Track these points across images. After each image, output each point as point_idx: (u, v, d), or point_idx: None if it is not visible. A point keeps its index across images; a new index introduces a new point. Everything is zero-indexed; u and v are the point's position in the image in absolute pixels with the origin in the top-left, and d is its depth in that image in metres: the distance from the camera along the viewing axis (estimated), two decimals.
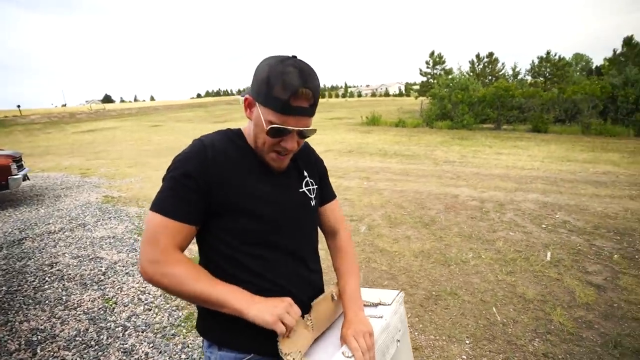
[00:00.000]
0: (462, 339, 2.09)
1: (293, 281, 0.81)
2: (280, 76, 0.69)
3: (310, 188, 0.89)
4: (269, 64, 0.72)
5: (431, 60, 30.38)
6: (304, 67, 0.71)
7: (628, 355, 1.94)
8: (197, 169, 0.73)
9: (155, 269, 0.69)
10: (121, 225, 3.98)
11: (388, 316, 0.93)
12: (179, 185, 0.72)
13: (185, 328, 2.17)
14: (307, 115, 0.73)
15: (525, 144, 10.54)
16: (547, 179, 6.10)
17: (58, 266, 2.97)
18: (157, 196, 0.74)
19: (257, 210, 0.77)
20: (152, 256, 0.69)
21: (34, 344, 2.00)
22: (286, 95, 0.69)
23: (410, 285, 2.70)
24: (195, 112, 29.83)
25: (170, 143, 11.92)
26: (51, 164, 8.47)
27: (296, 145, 0.77)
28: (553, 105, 14.45)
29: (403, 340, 1.02)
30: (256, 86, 0.73)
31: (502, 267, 2.96)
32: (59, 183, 6.19)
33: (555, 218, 4.13)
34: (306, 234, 0.88)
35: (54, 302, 2.44)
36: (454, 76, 19.28)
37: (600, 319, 2.28)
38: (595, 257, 3.15)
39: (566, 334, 2.12)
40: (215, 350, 0.80)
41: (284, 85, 0.69)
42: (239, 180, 0.77)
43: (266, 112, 0.72)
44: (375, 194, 5.24)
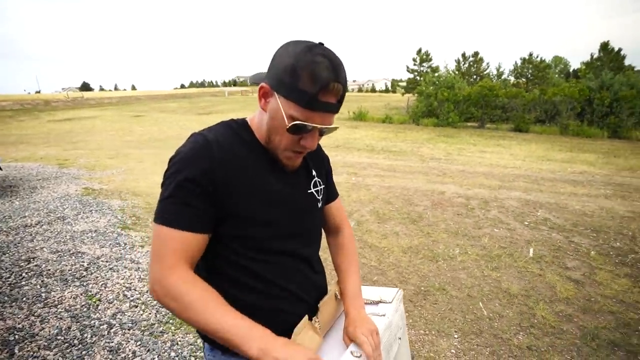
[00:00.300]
0: (450, 334, 2.14)
1: (301, 285, 0.79)
2: (309, 66, 0.60)
3: (318, 189, 0.84)
4: (295, 51, 0.63)
5: (418, 57, 30.65)
6: (334, 58, 0.64)
7: (604, 347, 2.04)
8: (202, 171, 0.64)
9: (160, 290, 0.62)
10: (103, 218, 3.84)
11: (390, 314, 0.93)
12: (183, 191, 0.64)
13: (174, 325, 2.12)
14: (333, 112, 0.66)
15: (507, 143, 10.84)
16: (529, 177, 6.31)
17: (36, 261, 2.83)
18: (158, 206, 0.66)
19: (266, 215, 0.71)
20: (157, 274, 0.62)
21: (11, 344, 1.90)
22: (315, 88, 0.61)
23: (400, 281, 2.74)
24: (179, 103, 29.04)
25: (154, 134, 11.57)
26: (25, 153, 8.06)
27: (316, 143, 0.70)
28: (534, 105, 14.92)
29: (403, 337, 1.03)
30: (277, 74, 0.64)
31: (487, 263, 3.05)
32: (34, 174, 5.90)
33: (536, 215, 4.27)
34: (312, 236, 0.84)
35: (32, 299, 2.33)
36: (441, 74, 19.55)
37: (579, 312, 2.38)
38: (574, 253, 3.28)
39: (548, 328, 2.21)
40: (219, 354, 0.76)
41: (313, 77, 0.60)
42: (247, 182, 0.69)
43: (288, 106, 0.64)
44: (364, 189, 5.27)
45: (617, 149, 10.02)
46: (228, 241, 0.70)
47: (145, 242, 3.28)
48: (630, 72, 15.90)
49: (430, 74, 21.99)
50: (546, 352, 2.00)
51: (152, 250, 0.65)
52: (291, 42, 0.66)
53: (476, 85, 17.07)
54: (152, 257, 0.65)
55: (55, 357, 1.82)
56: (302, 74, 0.61)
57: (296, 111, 0.63)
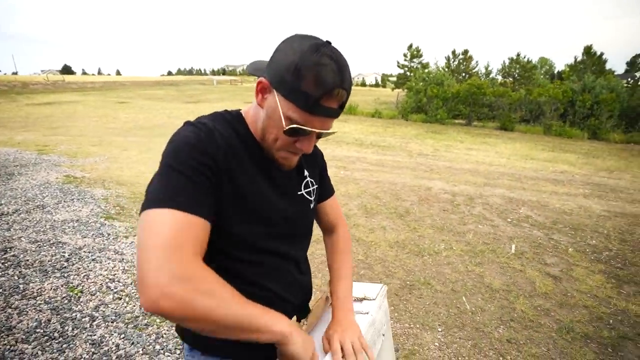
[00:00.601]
0: (434, 327, 2.20)
1: (286, 286, 0.77)
2: (314, 68, 0.57)
3: (310, 190, 0.81)
4: (301, 48, 0.58)
5: (409, 53, 30.72)
6: (342, 61, 0.60)
7: (578, 340, 2.14)
8: (209, 154, 0.59)
9: (187, 288, 0.49)
10: (86, 207, 3.73)
11: (374, 311, 0.94)
12: (191, 172, 0.57)
13: (159, 317, 2.10)
14: (333, 117, 0.63)
15: (493, 141, 11.07)
16: (513, 175, 6.47)
17: (13, 251, 2.73)
18: (159, 188, 0.56)
19: (256, 214, 0.68)
20: (182, 271, 0.49)
21: None
22: (318, 92, 0.57)
23: (386, 275, 2.78)
24: (166, 91, 28.29)
25: (140, 122, 11.25)
26: (1, 138, 7.70)
27: (312, 147, 0.67)
28: (520, 105, 15.24)
29: (387, 334, 1.05)
30: (279, 71, 0.59)
31: (471, 259, 3.13)
32: (11, 160, 5.65)
33: (519, 213, 4.40)
34: (300, 237, 0.82)
35: (9, 290, 2.25)
36: (430, 70, 19.68)
37: (556, 307, 2.48)
38: (553, 250, 3.40)
39: (527, 321, 2.29)
40: (198, 354, 0.74)
41: (318, 80, 0.57)
42: (247, 176, 0.66)
43: (287, 107, 0.60)
44: (352, 183, 5.30)
45: (596, 150, 10.39)
46: (215, 238, 0.64)
47: (130, 233, 3.20)
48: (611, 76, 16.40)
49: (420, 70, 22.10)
50: (524, 344, 2.08)
51: (158, 244, 0.50)
52: (297, 37, 0.62)
53: (465, 82, 17.29)
54: (160, 252, 0.50)
55: (34, 350, 1.78)
56: (306, 75, 0.57)
57: (295, 113, 0.60)
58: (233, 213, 0.64)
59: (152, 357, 1.79)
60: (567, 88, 14.71)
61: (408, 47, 30.61)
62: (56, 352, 1.78)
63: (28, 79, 30.24)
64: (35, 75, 47.71)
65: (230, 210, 0.64)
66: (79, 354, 1.77)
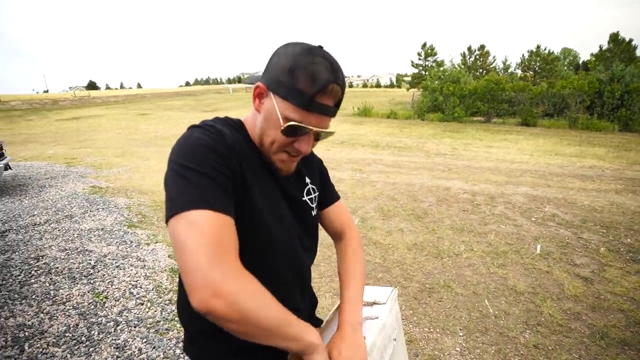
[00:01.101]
0: (455, 331, 2.13)
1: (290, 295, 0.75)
2: (308, 67, 0.59)
3: (312, 196, 0.81)
4: (295, 51, 0.61)
5: (423, 51, 30.31)
6: (334, 60, 0.62)
7: (614, 346, 2.01)
8: (226, 155, 0.59)
9: (238, 288, 0.49)
10: (110, 216, 3.88)
11: (384, 316, 0.91)
12: (214, 173, 0.56)
13: (179, 322, 2.14)
14: (330, 115, 0.64)
15: (514, 138, 10.69)
16: (536, 172, 6.22)
17: (45, 259, 2.88)
18: (188, 190, 0.54)
19: (269, 219, 0.67)
20: (231, 270, 0.50)
21: (21, 341, 1.94)
22: (313, 89, 0.59)
23: (404, 278, 2.73)
24: (184, 101, 29.16)
25: (160, 132, 11.65)
26: (34, 152, 8.18)
27: (310, 148, 0.67)
28: (542, 99, 14.66)
29: (399, 338, 1.02)
30: (275, 74, 0.62)
31: (493, 260, 3.02)
32: (43, 172, 5.98)
33: (544, 211, 4.21)
34: (304, 242, 0.80)
35: (41, 296, 2.37)
36: (446, 68, 19.31)
37: (588, 310, 2.34)
38: (582, 250, 3.23)
39: (556, 326, 2.18)
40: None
41: (313, 77, 0.59)
42: (255, 180, 0.66)
43: (284, 106, 0.61)
44: (368, 185, 5.25)
45: (628, 142, 9.82)
46: None
47: (151, 240, 3.31)
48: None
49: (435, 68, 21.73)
50: (553, 350, 1.97)
51: (204, 242, 0.49)
52: (290, 44, 0.64)
53: (482, 79, 16.83)
54: (206, 251, 0.49)
55: (64, 353, 1.85)
56: (300, 74, 0.59)
57: (292, 112, 0.61)
58: (242, 215, 0.63)
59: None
60: (593, 79, 14.03)
61: (422, 45, 30.22)
62: (83, 355, 1.85)
63: (57, 96, 32.00)
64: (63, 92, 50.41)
65: (239, 212, 0.62)
66: (104, 357, 1.83)
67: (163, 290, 2.50)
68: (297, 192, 0.77)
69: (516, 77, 24.73)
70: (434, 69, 21.29)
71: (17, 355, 1.83)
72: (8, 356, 1.83)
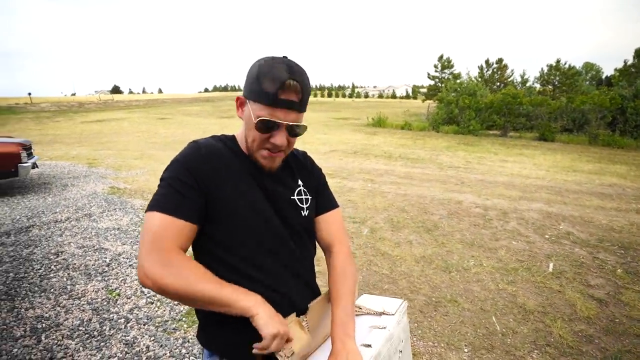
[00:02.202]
0: (460, 347, 2.10)
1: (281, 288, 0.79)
2: (269, 71, 0.71)
3: (302, 198, 0.86)
4: (260, 62, 0.74)
5: (440, 64, 30.24)
6: (292, 64, 0.73)
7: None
8: (194, 167, 0.74)
9: (164, 272, 0.64)
10: (126, 217, 4.02)
11: (392, 327, 0.93)
12: (177, 184, 0.72)
13: (187, 323, 2.20)
14: (295, 109, 0.73)
15: (531, 152, 10.48)
16: (552, 188, 6.07)
17: (63, 255, 3.01)
18: (155, 197, 0.72)
19: (246, 216, 0.76)
20: (159, 258, 0.65)
21: (38, 332, 2.04)
22: (274, 87, 0.70)
23: (411, 291, 2.71)
24: (203, 107, 29.93)
25: (178, 137, 11.99)
26: (59, 152, 8.56)
27: (286, 141, 0.76)
28: (561, 114, 14.35)
29: (405, 350, 1.03)
30: (247, 84, 0.75)
31: (503, 276, 2.96)
32: (66, 172, 6.26)
33: (558, 229, 4.11)
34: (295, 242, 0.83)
35: (58, 290, 2.48)
36: (462, 81, 19.18)
37: (601, 333, 2.27)
38: (598, 270, 3.13)
39: (566, 347, 2.12)
40: (217, 359, 0.80)
41: (272, 78, 0.70)
42: (232, 182, 0.76)
43: (256, 108, 0.73)
44: (379, 196, 5.25)
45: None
46: (213, 235, 0.76)
47: None
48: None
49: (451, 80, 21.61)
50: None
51: (148, 237, 0.67)
52: (259, 58, 0.76)
53: (499, 92, 16.63)
54: (148, 242, 0.66)
55: (77, 346, 1.93)
56: (264, 78, 0.71)
57: (262, 110, 0.72)
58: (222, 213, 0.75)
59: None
60: (615, 94, 13.66)
61: (439, 57, 30.17)
62: (95, 349, 1.92)
63: (84, 100, 33.44)
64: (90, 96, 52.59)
65: (219, 211, 0.75)
66: (114, 353, 1.90)
67: None
68: (283, 191, 0.84)
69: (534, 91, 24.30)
70: (450, 81, 21.19)
71: (34, 345, 1.92)
72: (26, 345, 1.92)
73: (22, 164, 4.64)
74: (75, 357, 1.86)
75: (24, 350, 1.88)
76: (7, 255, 2.97)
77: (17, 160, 4.60)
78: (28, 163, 4.76)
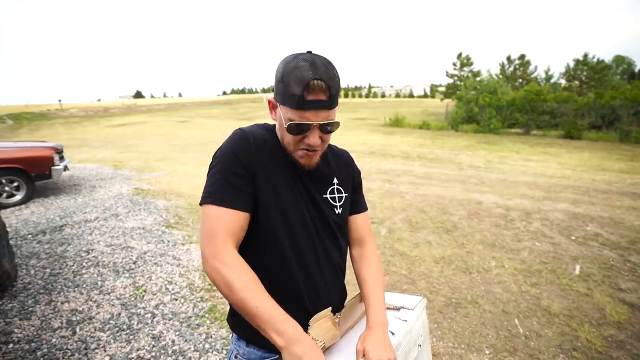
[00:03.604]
0: (481, 349, 2.07)
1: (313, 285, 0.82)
2: (293, 72, 0.70)
3: (335, 196, 0.88)
4: (283, 62, 0.73)
5: (458, 61, 29.56)
6: (316, 59, 0.71)
7: None
8: (245, 157, 0.75)
9: (212, 266, 0.69)
10: (150, 217, 4.18)
11: (412, 320, 0.95)
12: (230, 175, 0.73)
13: (209, 319, 2.27)
14: (325, 107, 0.71)
15: (556, 151, 10.08)
16: (579, 188, 5.83)
17: (94, 253, 3.17)
18: (207, 188, 0.74)
19: (287, 209, 0.78)
20: (210, 251, 0.70)
21: (73, 324, 2.16)
22: (300, 89, 0.69)
23: (430, 291, 2.68)
24: (221, 109, 30.59)
25: (197, 139, 12.31)
26: (87, 155, 8.98)
27: (319, 140, 0.75)
28: (588, 110, 13.72)
29: (424, 346, 1.04)
30: (276, 87, 0.75)
31: (526, 278, 2.88)
32: (94, 174, 6.57)
33: (586, 230, 3.95)
34: (328, 238, 0.86)
35: (90, 286, 2.62)
36: (482, 79, 18.70)
37: (633, 339, 2.17)
38: (629, 273, 2.99)
39: (594, 352, 2.05)
40: (243, 345, 0.84)
41: (297, 80, 0.69)
42: (276, 174, 0.78)
43: (285, 111, 0.73)
44: (397, 196, 5.21)
45: None
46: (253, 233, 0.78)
47: (186, 241, 3.52)
48: None
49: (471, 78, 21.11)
50: None
51: (204, 228, 0.71)
52: (285, 57, 0.75)
53: (521, 89, 16.10)
54: (204, 234, 0.71)
55: (108, 339, 2.04)
56: (289, 80, 0.70)
57: (291, 113, 0.72)
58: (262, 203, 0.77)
59: (202, 354, 1.95)
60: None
61: (457, 55, 29.51)
62: (124, 342, 2.02)
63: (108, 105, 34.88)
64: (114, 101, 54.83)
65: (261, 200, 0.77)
66: (142, 345, 1.99)
67: (195, 288, 2.66)
68: (318, 188, 0.86)
69: (559, 87, 23.36)
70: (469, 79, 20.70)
71: (70, 336, 2.05)
72: (63, 336, 2.05)
73: (55, 167, 4.91)
74: (107, 348, 1.96)
75: (61, 341, 2.00)
76: (44, 252, 3.17)
77: (51, 163, 4.88)
78: (60, 166, 5.04)
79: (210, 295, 2.56)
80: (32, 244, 3.33)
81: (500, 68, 30.15)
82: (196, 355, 1.94)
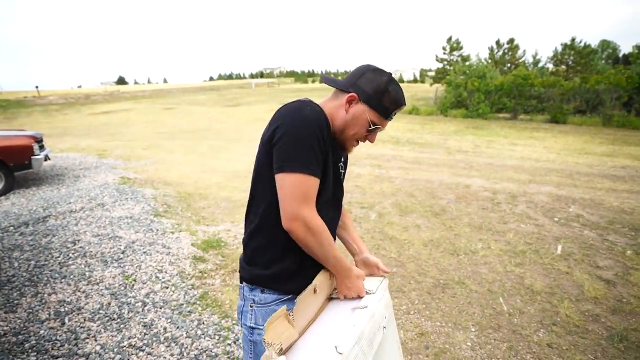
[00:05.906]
0: (467, 327, 2.15)
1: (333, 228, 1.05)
2: (392, 92, 0.91)
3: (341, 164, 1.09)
4: (382, 79, 0.91)
5: (448, 46, 29.43)
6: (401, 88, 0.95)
7: (633, 349, 1.96)
8: (324, 129, 0.86)
9: (301, 225, 0.83)
10: (138, 206, 4.11)
11: (373, 305, 0.95)
12: (316, 144, 0.83)
13: (201, 306, 2.28)
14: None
15: (542, 135, 10.28)
16: (563, 171, 5.98)
17: (80, 243, 3.12)
18: (298, 154, 0.82)
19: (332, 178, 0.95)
20: (306, 213, 0.83)
21: (62, 315, 2.14)
22: (394, 107, 0.93)
23: (419, 273, 2.75)
24: (208, 95, 29.88)
25: (184, 126, 12.05)
26: (69, 144, 8.71)
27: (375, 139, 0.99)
28: (574, 95, 13.96)
29: (389, 327, 1.05)
30: (367, 92, 0.90)
31: (511, 259, 2.98)
32: (77, 163, 6.38)
33: (568, 211, 4.08)
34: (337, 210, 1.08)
35: (78, 277, 2.59)
36: (472, 63, 18.71)
37: (608, 313, 2.29)
38: (607, 252, 3.12)
39: (572, 326, 2.15)
40: (258, 292, 0.94)
41: (395, 100, 0.92)
42: (334, 153, 0.95)
43: (372, 114, 0.92)
44: (387, 181, 5.25)
45: None
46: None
47: (175, 229, 3.49)
48: None
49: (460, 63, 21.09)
50: (567, 350, 1.96)
51: (295, 192, 0.82)
52: (376, 70, 0.93)
53: (509, 74, 16.20)
54: (295, 197, 0.82)
55: (98, 328, 2.03)
56: (387, 96, 0.91)
57: (376, 118, 0.93)
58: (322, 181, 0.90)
59: (194, 340, 1.97)
60: (632, 74, 13.18)
61: (447, 39, 29.35)
62: (115, 331, 2.02)
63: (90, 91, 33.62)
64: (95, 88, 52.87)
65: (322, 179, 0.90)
66: (134, 334, 1.99)
67: (186, 276, 2.65)
68: (340, 161, 1.07)
69: (547, 71, 23.59)
70: (459, 63, 20.67)
71: (58, 327, 2.03)
72: (52, 327, 2.03)
73: (34, 157, 4.75)
74: (97, 338, 1.96)
75: (50, 332, 1.99)
76: (27, 244, 3.09)
77: (30, 153, 4.71)
78: (40, 155, 4.87)
79: (201, 283, 2.56)
80: (14, 236, 3.25)
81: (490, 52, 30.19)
82: (188, 342, 1.95)
